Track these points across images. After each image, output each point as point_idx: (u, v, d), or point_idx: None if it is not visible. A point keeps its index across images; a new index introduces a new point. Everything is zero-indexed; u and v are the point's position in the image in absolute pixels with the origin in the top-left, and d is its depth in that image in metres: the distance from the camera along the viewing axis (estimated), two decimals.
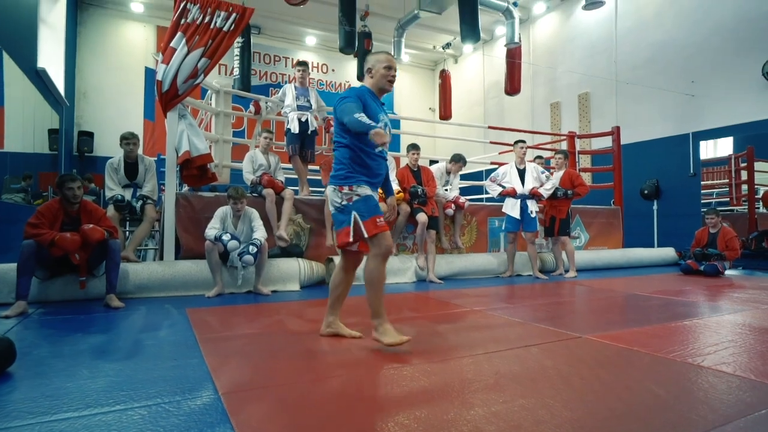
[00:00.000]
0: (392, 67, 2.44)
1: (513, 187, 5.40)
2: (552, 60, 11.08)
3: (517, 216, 5.35)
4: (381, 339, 2.30)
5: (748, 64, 7.29)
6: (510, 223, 5.45)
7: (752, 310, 3.37)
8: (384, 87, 2.46)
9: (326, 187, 5.13)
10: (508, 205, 5.46)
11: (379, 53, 2.49)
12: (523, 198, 5.38)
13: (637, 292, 4.29)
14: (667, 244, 7.91)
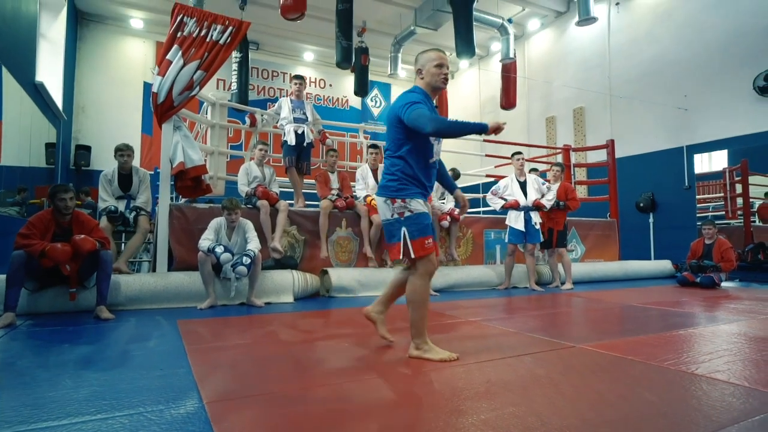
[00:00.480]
0: (443, 64, 2.30)
1: (516, 200, 5.40)
2: (547, 75, 11.21)
3: (522, 228, 5.35)
4: (427, 357, 2.23)
5: (739, 78, 7.38)
6: (513, 236, 5.44)
7: (748, 320, 3.35)
8: (438, 85, 2.32)
9: (322, 199, 5.14)
10: (512, 218, 5.46)
11: (428, 51, 2.34)
12: (527, 210, 5.39)
13: (633, 303, 4.26)
14: (663, 256, 7.91)
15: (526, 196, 5.37)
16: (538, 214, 5.41)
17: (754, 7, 7.29)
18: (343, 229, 5.23)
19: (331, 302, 4.40)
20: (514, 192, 5.42)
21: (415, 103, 2.17)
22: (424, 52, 2.37)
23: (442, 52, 2.35)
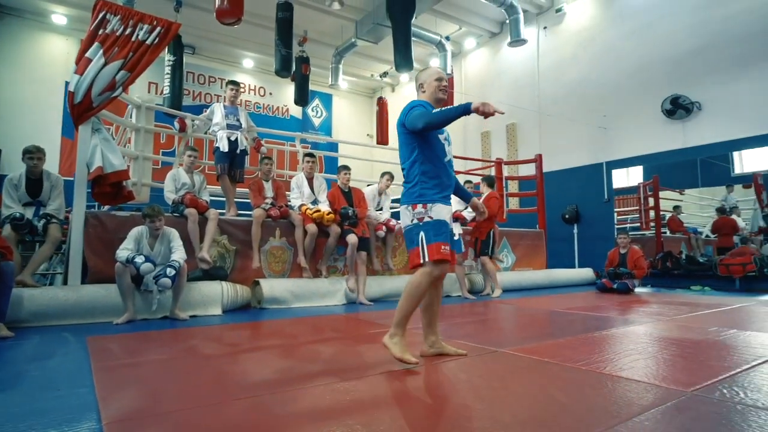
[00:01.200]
0: (442, 78, 2.47)
1: None
2: (482, 92, 11.69)
3: None
4: (392, 350, 2.27)
5: (651, 101, 8.07)
6: None
7: (654, 323, 3.62)
8: (439, 97, 2.46)
9: (255, 208, 5.00)
10: None
11: (427, 69, 2.53)
12: None
13: (557, 309, 4.48)
14: (586, 264, 8.41)
15: None
16: (459, 225, 5.55)
17: (663, 38, 8.03)
18: (276, 238, 5.11)
19: (263, 314, 4.27)
20: None
21: (414, 108, 2.32)
22: (424, 70, 2.55)
23: (439, 68, 2.59)
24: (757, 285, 6.56)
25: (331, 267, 5.42)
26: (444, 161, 2.42)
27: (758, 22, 6.87)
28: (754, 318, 3.92)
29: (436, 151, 2.38)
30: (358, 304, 4.94)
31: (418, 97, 2.52)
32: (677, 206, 10.20)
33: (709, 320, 3.73)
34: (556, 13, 9.79)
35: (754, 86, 6.88)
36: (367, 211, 5.40)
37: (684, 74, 7.71)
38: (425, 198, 2.33)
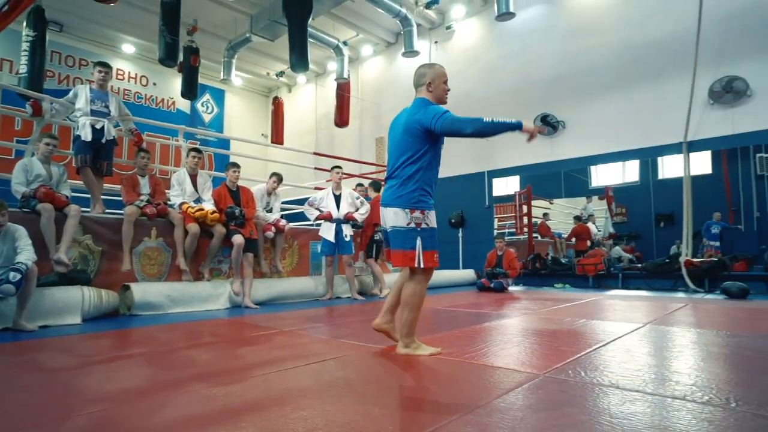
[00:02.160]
0: (447, 81, 2.52)
1: (329, 211, 5.52)
2: (378, 98, 11.97)
3: (332, 239, 5.48)
4: (417, 353, 2.37)
5: (525, 117, 8.87)
6: (326, 247, 5.54)
7: (523, 316, 3.98)
8: (444, 100, 2.49)
9: (127, 205, 4.54)
10: (324, 229, 5.56)
11: (435, 66, 2.50)
12: (339, 222, 5.54)
13: (439, 307, 4.71)
14: (469, 266, 8.99)
15: (339, 209, 5.55)
16: (350, 226, 5.63)
17: (536, 62, 8.93)
18: (152, 239, 4.69)
19: (132, 321, 3.88)
20: (329, 204, 5.57)
21: (445, 112, 2.28)
22: (432, 65, 2.51)
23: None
24: (605, 282, 7.55)
25: (214, 269, 5.12)
26: (438, 169, 2.49)
27: (613, 55, 7.96)
28: (600, 309, 4.49)
29: (438, 160, 2.43)
30: (244, 307, 4.73)
31: (420, 93, 2.48)
32: (546, 213, 11.40)
33: (566, 312, 4.20)
34: (447, 30, 10.40)
35: (609, 110, 7.94)
36: (255, 212, 5.20)
37: (552, 95, 8.65)
38: (424, 205, 2.36)
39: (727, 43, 6.80)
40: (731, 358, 2.35)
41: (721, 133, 6.87)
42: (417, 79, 2.51)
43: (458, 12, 10.17)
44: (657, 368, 2.14)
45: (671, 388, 1.82)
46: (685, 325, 3.41)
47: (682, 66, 7.07)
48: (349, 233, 5.60)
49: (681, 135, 7.09)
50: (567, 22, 8.61)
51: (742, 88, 6.60)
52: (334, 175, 5.66)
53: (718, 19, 6.79)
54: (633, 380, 1.90)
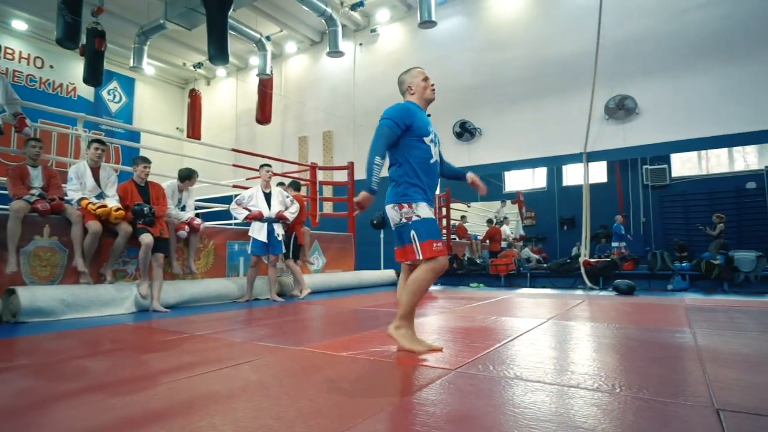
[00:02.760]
0: (428, 77, 2.56)
1: (260, 211, 5.36)
2: (301, 96, 11.80)
3: (264, 239, 5.32)
4: (400, 341, 2.41)
5: (445, 123, 9.26)
6: (257, 247, 5.37)
7: (440, 314, 4.12)
8: (430, 97, 2.58)
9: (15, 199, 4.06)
10: (255, 229, 5.38)
11: (410, 70, 2.60)
12: (270, 221, 5.40)
13: (359, 307, 4.75)
14: (390, 266, 9.13)
15: (270, 208, 5.43)
16: (281, 225, 5.52)
17: (455, 70, 9.32)
18: (45, 237, 4.23)
19: (18, 329, 3.47)
20: (259, 203, 5.41)
21: (386, 120, 2.41)
22: (406, 72, 2.61)
23: (420, 68, 2.64)
24: (515, 281, 8.06)
25: (119, 271, 4.74)
26: (429, 163, 2.48)
27: (525, 69, 8.53)
28: (510, 307, 4.79)
29: (422, 154, 2.45)
30: (152, 311, 4.42)
31: (405, 98, 2.56)
32: (464, 216, 11.94)
33: (480, 310, 4.42)
34: (371, 33, 10.52)
35: (521, 120, 8.50)
36: (166, 209, 4.88)
37: (470, 103, 9.08)
38: (409, 198, 2.40)
39: (620, 65, 7.58)
40: (618, 349, 2.62)
41: (615, 146, 7.64)
42: (400, 88, 2.65)
43: (383, 16, 10.33)
44: (556, 360, 2.33)
45: (567, 377, 1.98)
46: (581, 320, 3.73)
47: (583, 83, 7.76)
48: (281, 232, 5.47)
49: (581, 146, 7.78)
50: (484, 34, 9.09)
51: (632, 106, 7.40)
52: (264, 173, 5.50)
53: (614, 42, 7.55)
54: (535, 372, 2.05)
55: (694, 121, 7.05)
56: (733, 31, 6.78)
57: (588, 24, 7.67)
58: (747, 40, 6.68)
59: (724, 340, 2.86)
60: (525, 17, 8.64)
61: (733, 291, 6.31)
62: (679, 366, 2.22)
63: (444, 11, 9.23)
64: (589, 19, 7.64)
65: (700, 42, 7.02)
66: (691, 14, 7.10)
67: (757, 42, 6.61)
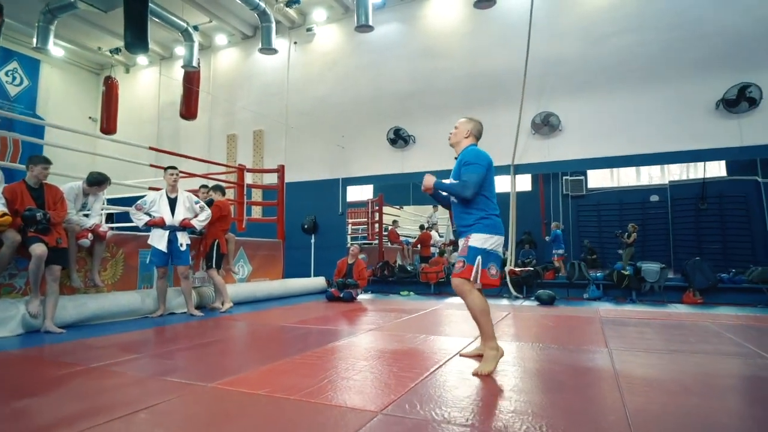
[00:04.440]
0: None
1: (161, 217, 4.90)
2: (231, 93, 11.20)
3: (164, 249, 4.87)
4: (488, 366, 2.63)
5: (379, 129, 9.18)
6: (156, 257, 4.90)
7: (369, 333, 3.99)
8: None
9: None
10: (155, 237, 4.91)
11: (477, 121, 3.12)
12: (173, 229, 4.95)
13: (286, 324, 4.50)
14: (321, 272, 8.90)
15: (174, 215, 4.97)
16: (186, 234, 5.10)
17: (390, 76, 9.27)
18: None
19: None
20: (161, 208, 4.94)
21: (478, 165, 2.80)
22: (476, 120, 3.11)
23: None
24: (445, 288, 8.13)
25: (4, 285, 4.13)
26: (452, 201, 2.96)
27: (458, 79, 8.65)
28: (438, 322, 4.78)
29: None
30: (44, 333, 3.89)
31: (469, 140, 3.01)
32: (395, 221, 11.97)
33: (409, 326, 4.35)
34: (307, 31, 10.20)
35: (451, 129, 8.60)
36: (65, 214, 4.33)
37: (405, 110, 9.07)
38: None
39: (546, 83, 7.91)
40: (543, 376, 2.63)
41: (539, 160, 7.96)
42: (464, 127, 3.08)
43: (319, 16, 10.06)
44: (485, 393, 2.27)
45: (496, 418, 1.92)
46: (508, 338, 3.77)
47: (512, 98, 8.02)
48: (185, 242, 5.03)
49: (509, 158, 8.03)
50: (420, 42, 9.13)
51: (556, 123, 7.75)
52: (168, 177, 5.02)
53: (542, 60, 7.87)
54: (462, 412, 1.97)
55: (610, 140, 7.52)
56: (647, 58, 7.31)
57: (518, 41, 7.93)
58: (658, 68, 7.24)
59: (638, 362, 2.99)
60: (460, 29, 8.78)
61: (640, 299, 6.79)
62: (600, 398, 2.25)
63: (381, 16, 9.15)
64: (519, 37, 7.90)
65: (618, 66, 7.50)
66: (612, 40, 7.57)
67: (667, 70, 7.18)
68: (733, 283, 6.58)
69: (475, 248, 2.72)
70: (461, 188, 2.72)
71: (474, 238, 2.74)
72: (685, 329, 4.24)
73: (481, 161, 2.78)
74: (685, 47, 7.12)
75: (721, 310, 5.73)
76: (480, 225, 2.75)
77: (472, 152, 2.85)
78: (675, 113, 7.14)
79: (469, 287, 2.72)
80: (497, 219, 2.81)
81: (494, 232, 2.75)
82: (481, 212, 2.76)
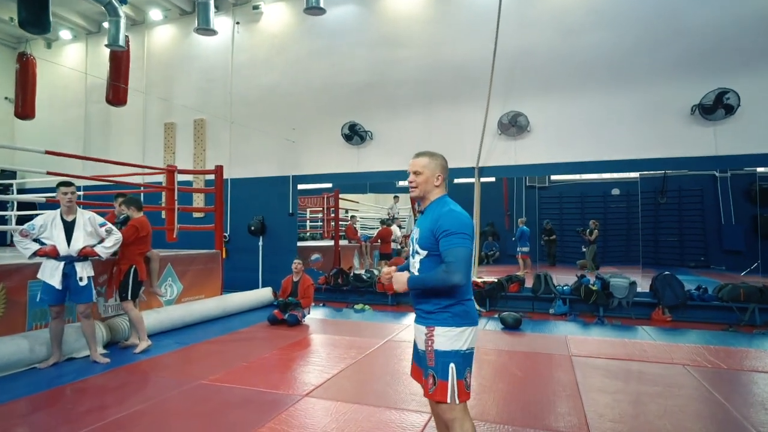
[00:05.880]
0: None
1: (53, 246, 3.96)
2: (168, 74, 10.00)
3: (58, 285, 3.93)
4: None
5: (334, 124, 8.33)
6: (47, 294, 3.94)
7: (302, 405, 3.28)
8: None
9: None
10: (47, 270, 3.95)
11: (441, 156, 2.12)
12: (70, 260, 4.02)
13: (205, 381, 3.70)
14: (271, 278, 8.07)
15: (71, 243, 4.01)
16: (88, 266, 4.17)
17: (344, 66, 8.37)
18: None
19: None
20: (54, 235, 3.98)
21: (465, 235, 1.92)
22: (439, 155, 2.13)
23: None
24: (404, 299, 7.51)
25: None
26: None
27: (419, 70, 7.88)
28: (394, 368, 4.11)
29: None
30: None
31: (439, 188, 2.09)
32: (353, 216, 11.23)
33: (361, 378, 3.67)
34: (253, 9, 9.10)
35: (413, 126, 7.87)
36: None
37: (361, 103, 8.25)
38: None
39: (515, 79, 7.27)
40: None
41: (506, 163, 7.38)
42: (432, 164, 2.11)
43: None
44: None
45: None
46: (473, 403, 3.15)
47: (478, 94, 7.35)
48: (86, 274, 4.10)
49: (474, 160, 7.40)
50: (378, 29, 8.26)
51: (524, 123, 7.15)
52: (61, 197, 4.04)
53: (511, 54, 7.20)
54: None
55: (581, 143, 7.00)
56: (621, 57, 6.76)
57: (486, 30, 7.21)
58: (632, 67, 6.70)
59: None
60: (422, 15, 7.95)
61: (607, 315, 6.41)
62: None
63: None
64: (486, 25, 7.19)
65: (590, 63, 6.92)
66: (584, 35, 6.95)
67: (642, 71, 6.65)
68: (702, 301, 6.28)
69: (443, 353, 1.90)
70: (446, 276, 1.85)
71: (440, 336, 1.92)
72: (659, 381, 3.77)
73: (467, 229, 1.92)
74: (661, 45, 6.61)
75: (691, 336, 5.34)
76: (446, 314, 1.93)
77: (452, 216, 1.94)
78: (649, 116, 6.66)
79: (460, 413, 1.92)
80: (469, 303, 1.98)
81: (468, 323, 1.95)
82: (451, 298, 1.93)
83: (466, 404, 1.94)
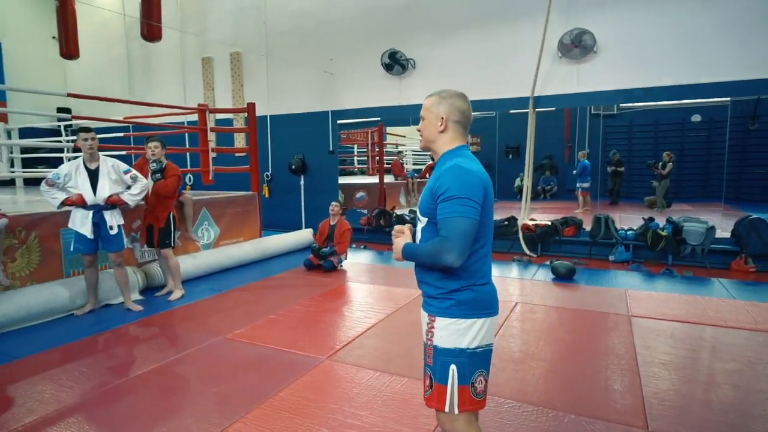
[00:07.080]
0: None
1: (79, 195, 3.86)
2: (202, 6, 9.50)
3: (89, 234, 3.88)
4: None
5: (373, 53, 7.61)
6: (80, 243, 3.93)
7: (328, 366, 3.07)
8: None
9: None
10: (77, 219, 3.91)
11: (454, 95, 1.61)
12: (98, 209, 3.93)
13: (225, 336, 3.59)
14: (313, 218, 7.88)
15: (96, 191, 3.89)
16: (117, 213, 4.08)
17: None
18: None
19: None
20: (79, 184, 3.87)
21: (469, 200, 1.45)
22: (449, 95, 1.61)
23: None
24: None
25: None
26: None
27: None
28: None
29: None
30: None
31: (437, 128, 1.60)
32: (401, 152, 10.71)
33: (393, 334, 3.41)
34: None
35: (462, 52, 6.99)
36: None
37: (403, 27, 7.42)
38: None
39: None
40: None
41: (567, 91, 6.45)
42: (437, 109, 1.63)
43: None
44: None
45: None
46: (504, 375, 2.80)
47: (537, 7, 6.32)
48: (117, 223, 4.03)
49: (529, 89, 6.54)
50: None
51: (590, 43, 6.12)
52: (82, 143, 3.87)
53: None
54: None
55: (662, 65, 5.89)
56: None
57: None
58: None
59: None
60: None
61: (677, 263, 5.71)
62: None
63: None
64: None
65: None
66: None
67: None
68: None
69: (443, 351, 1.53)
70: (437, 253, 1.44)
71: (441, 329, 1.54)
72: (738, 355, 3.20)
73: (473, 193, 1.45)
74: None
75: None
76: (449, 302, 1.52)
77: (455, 173, 1.47)
78: (743, 32, 5.43)
79: (462, 425, 1.55)
80: (484, 288, 1.56)
81: (479, 314, 1.52)
82: (457, 281, 1.53)
83: (471, 415, 1.57)
